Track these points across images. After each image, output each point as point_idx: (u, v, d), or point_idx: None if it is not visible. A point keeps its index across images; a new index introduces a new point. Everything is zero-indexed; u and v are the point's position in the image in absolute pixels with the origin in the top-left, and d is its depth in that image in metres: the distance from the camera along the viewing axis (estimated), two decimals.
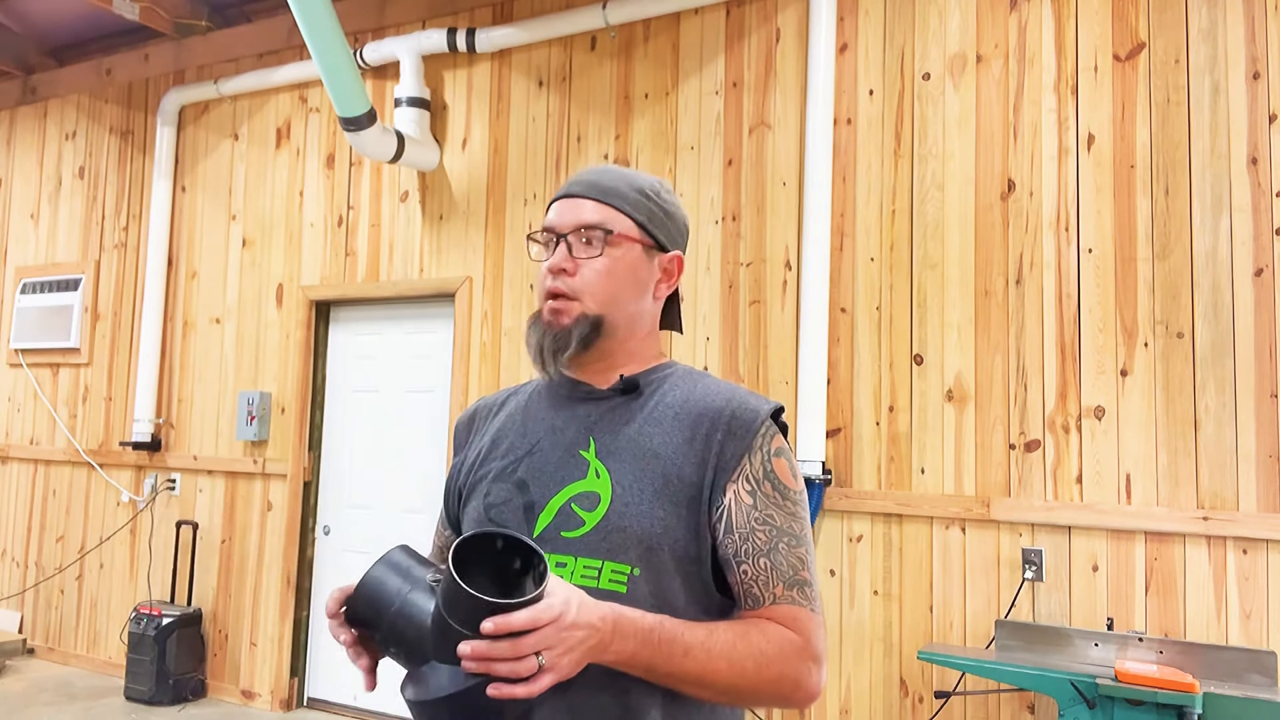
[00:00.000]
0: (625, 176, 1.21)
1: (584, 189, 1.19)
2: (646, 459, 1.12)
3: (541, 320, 1.17)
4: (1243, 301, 2.94)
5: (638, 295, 1.19)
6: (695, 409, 1.15)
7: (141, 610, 4.65)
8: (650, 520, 1.09)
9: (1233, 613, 2.85)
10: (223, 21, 5.18)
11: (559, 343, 1.15)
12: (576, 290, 1.16)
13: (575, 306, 1.15)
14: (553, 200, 1.22)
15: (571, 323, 1.15)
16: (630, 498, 1.10)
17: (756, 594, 1.08)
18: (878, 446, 3.39)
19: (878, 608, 3.34)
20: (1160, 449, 2.99)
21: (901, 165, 3.46)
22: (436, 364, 4.45)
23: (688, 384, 1.20)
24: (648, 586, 1.08)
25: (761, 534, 1.09)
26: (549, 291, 1.17)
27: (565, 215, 1.18)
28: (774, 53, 3.73)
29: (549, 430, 1.19)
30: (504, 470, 1.19)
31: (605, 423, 1.17)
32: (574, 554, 1.09)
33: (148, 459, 5.10)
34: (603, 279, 1.16)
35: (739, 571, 1.09)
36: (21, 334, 5.64)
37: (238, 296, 4.97)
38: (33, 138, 5.91)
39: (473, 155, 4.39)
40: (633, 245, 1.18)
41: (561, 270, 1.16)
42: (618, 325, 1.18)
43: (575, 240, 1.17)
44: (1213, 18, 3.05)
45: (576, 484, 1.12)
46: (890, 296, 3.43)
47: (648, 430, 1.14)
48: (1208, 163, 3.02)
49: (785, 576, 1.08)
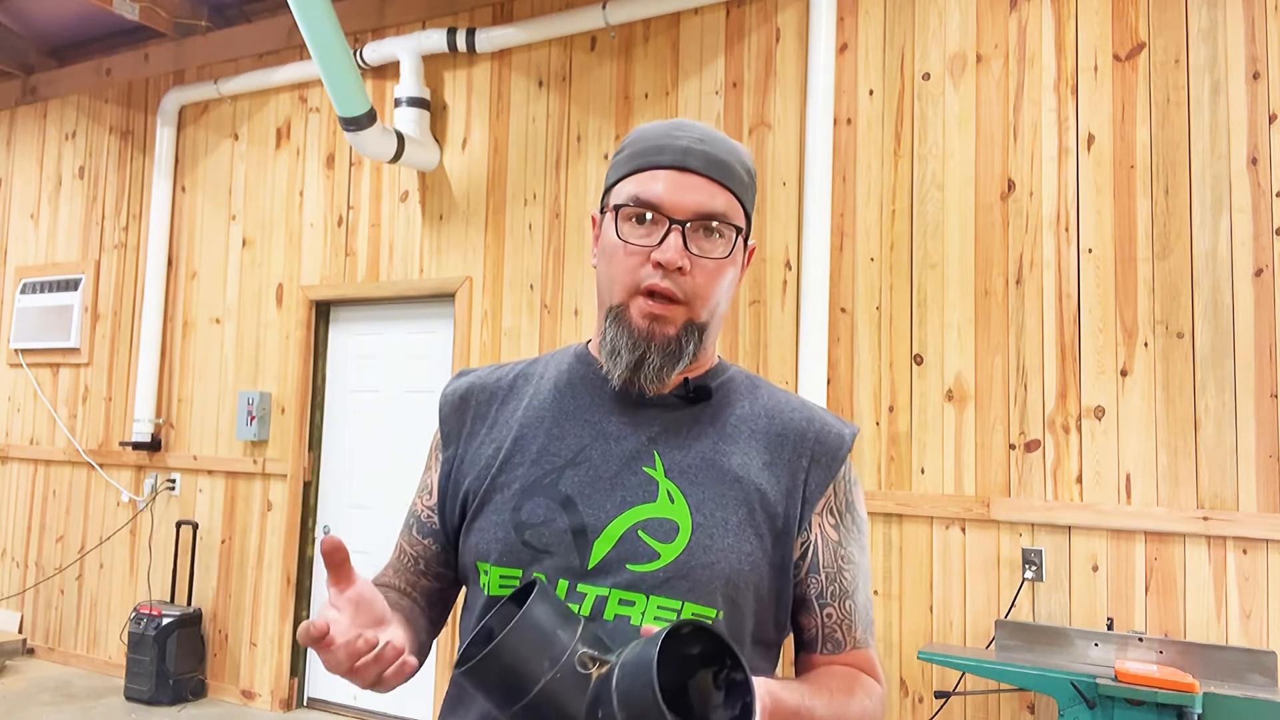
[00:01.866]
0: (734, 150, 1.00)
1: (702, 164, 0.96)
2: (728, 483, 0.96)
3: (633, 323, 0.96)
4: (1243, 301, 2.94)
5: (729, 297, 1.01)
6: (776, 428, 1.00)
7: (141, 610, 4.65)
8: (738, 556, 0.94)
9: (1233, 613, 2.85)
10: (223, 21, 5.18)
11: (668, 357, 0.95)
12: (689, 294, 0.95)
13: (682, 313, 0.95)
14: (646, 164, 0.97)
15: (678, 332, 0.95)
16: (715, 529, 0.94)
17: (839, 639, 1.00)
18: (878, 446, 3.39)
19: (878, 608, 3.34)
20: (1160, 449, 2.99)
21: (901, 165, 3.46)
22: (436, 364, 4.45)
23: (754, 393, 1.04)
24: (728, 630, 0.94)
25: (848, 574, 1.00)
26: (653, 289, 0.94)
27: (684, 195, 0.95)
28: (774, 53, 3.73)
29: (598, 436, 0.99)
30: (539, 481, 0.98)
31: (671, 435, 0.99)
32: (645, 592, 0.92)
33: (148, 459, 5.10)
34: (714, 283, 0.97)
35: (822, 615, 0.99)
36: (21, 334, 5.64)
37: (238, 296, 4.97)
38: (33, 138, 5.91)
39: (473, 155, 4.39)
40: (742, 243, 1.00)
41: (678, 268, 0.94)
42: (710, 335, 1.00)
43: (693, 232, 0.95)
44: (1213, 18, 3.05)
45: (644, 507, 0.95)
46: (890, 296, 3.43)
47: (724, 448, 0.98)
48: (1208, 163, 3.02)
49: (864, 618, 1.01)
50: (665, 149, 0.97)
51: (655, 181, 0.95)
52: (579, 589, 0.93)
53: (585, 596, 0.92)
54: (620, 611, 0.92)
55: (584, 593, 0.93)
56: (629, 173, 0.98)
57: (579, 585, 0.93)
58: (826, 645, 0.99)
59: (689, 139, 0.97)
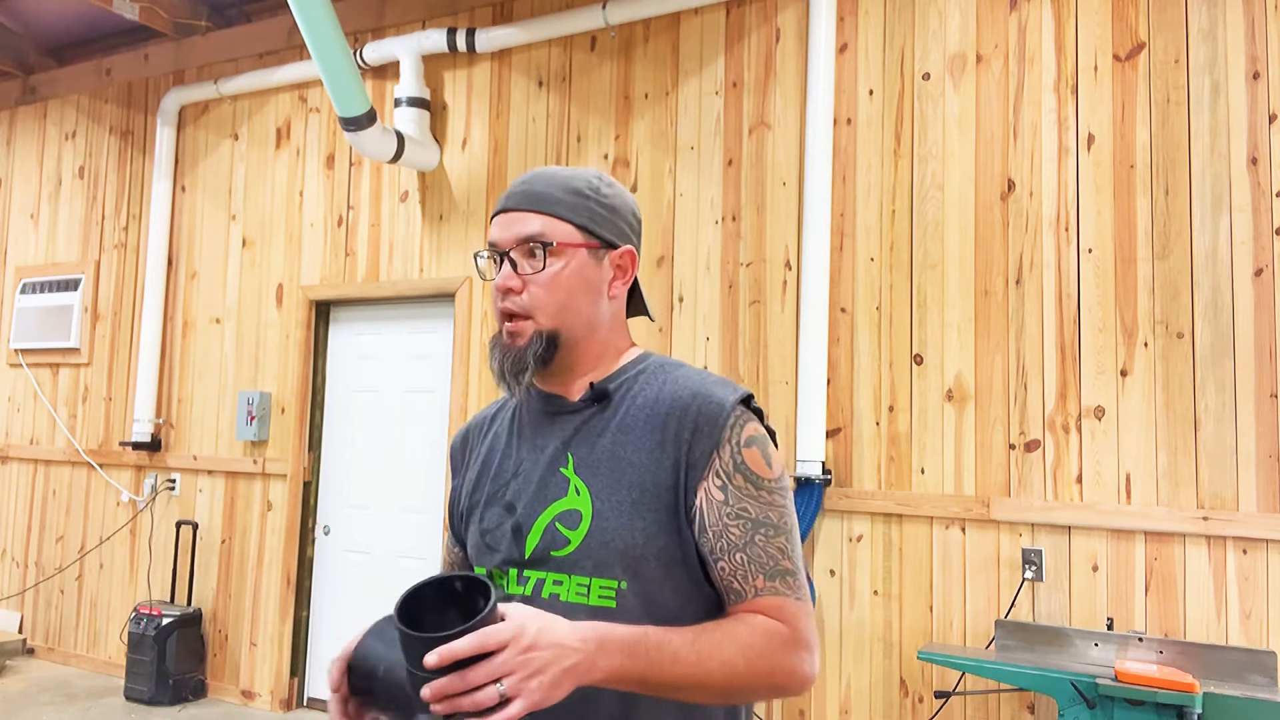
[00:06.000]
0: (557, 179, 1.18)
1: (518, 200, 1.16)
2: (622, 469, 1.12)
3: (500, 342, 1.16)
4: (1243, 301, 2.94)
5: (591, 300, 1.17)
6: (663, 408, 1.14)
7: (141, 610, 4.65)
8: (631, 533, 1.09)
9: (1233, 613, 2.85)
10: (223, 21, 5.18)
11: (517, 365, 1.14)
12: (527, 308, 1.14)
13: (528, 326, 1.14)
14: (493, 214, 1.19)
15: (526, 343, 1.14)
16: (610, 512, 1.10)
17: (738, 589, 1.07)
18: (878, 446, 3.39)
19: (878, 608, 3.34)
20: (1160, 449, 2.99)
21: (901, 165, 3.46)
22: (436, 364, 4.45)
23: (658, 380, 1.18)
24: (637, 599, 1.08)
25: (735, 529, 1.08)
26: (501, 312, 1.16)
27: (505, 230, 1.16)
28: (774, 53, 3.73)
29: (530, 449, 1.20)
30: (494, 494, 1.20)
31: (581, 436, 1.16)
32: (566, 572, 1.11)
33: (148, 459, 5.10)
34: (550, 292, 1.14)
35: (717, 569, 1.08)
36: (21, 334, 5.64)
37: (238, 296, 4.97)
38: (33, 138, 5.91)
39: (473, 155, 4.39)
40: (576, 250, 1.15)
41: (509, 289, 1.14)
42: (576, 335, 1.16)
43: (518, 256, 1.15)
44: (1213, 18, 3.05)
45: (559, 502, 1.13)
46: (890, 296, 3.43)
47: (621, 439, 1.14)
48: (1208, 163, 3.02)
49: (765, 568, 1.07)
50: (500, 200, 1.19)
51: (493, 226, 1.18)
52: (524, 575, 1.14)
53: (528, 580, 1.13)
54: (553, 590, 1.11)
55: (528, 577, 1.13)
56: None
57: (524, 572, 1.14)
58: (730, 597, 1.09)
59: (517, 185, 1.18)
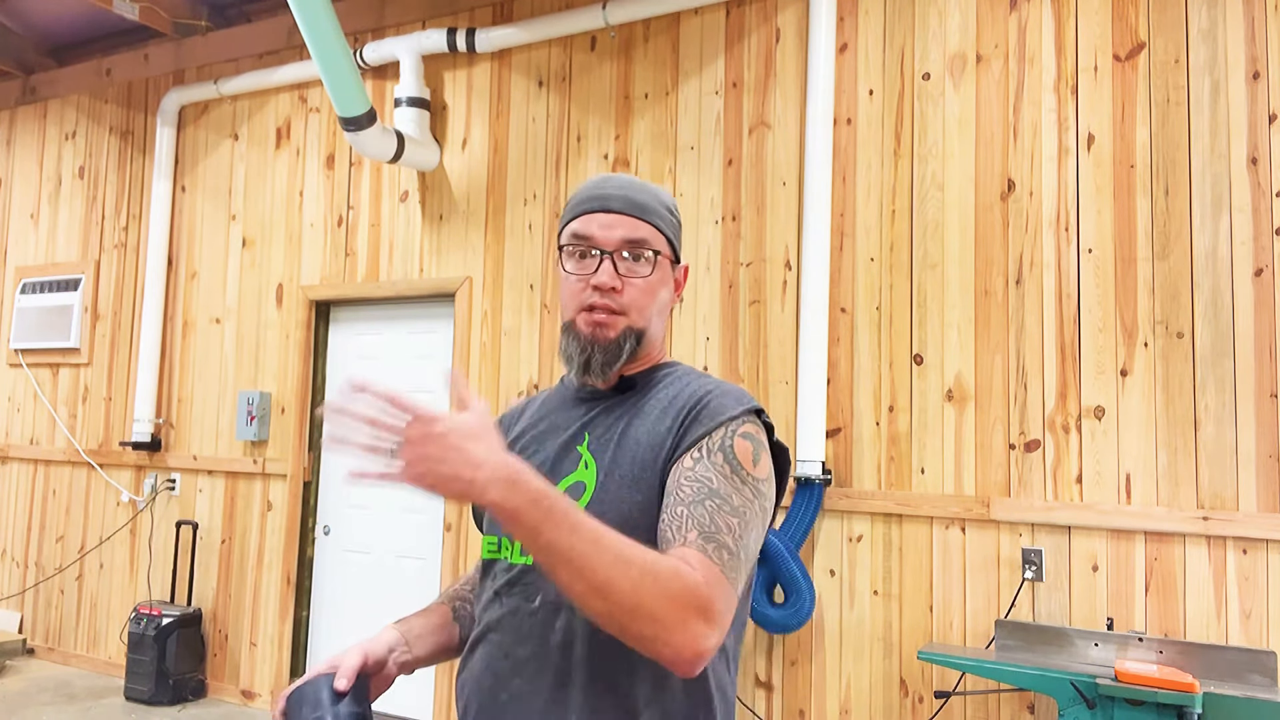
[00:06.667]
0: (654, 193, 1.26)
1: (624, 205, 1.22)
2: (627, 447, 1.18)
3: (580, 332, 1.21)
4: (1243, 301, 2.94)
5: (663, 308, 1.26)
6: (679, 402, 1.20)
7: (141, 610, 4.65)
8: (627, 505, 1.13)
9: (1233, 613, 2.85)
10: (223, 21, 5.18)
11: (609, 355, 1.20)
12: (624, 306, 1.20)
13: (620, 320, 1.20)
14: (581, 211, 1.23)
15: (618, 335, 1.20)
16: (611, 484, 1.15)
17: (669, 538, 1.04)
18: (878, 446, 3.39)
19: (878, 608, 3.34)
20: (1160, 449, 2.99)
21: (901, 165, 3.46)
22: (436, 364, 4.45)
23: (681, 382, 1.24)
24: None
25: (689, 488, 1.07)
26: (593, 305, 1.20)
27: (609, 231, 1.21)
28: (774, 53, 3.73)
29: (552, 428, 1.27)
30: None
31: (599, 417, 1.23)
32: None
33: (148, 459, 5.10)
34: (646, 296, 1.22)
35: (660, 523, 1.07)
36: (21, 334, 5.64)
37: (238, 296, 4.97)
38: (33, 138, 5.91)
39: (473, 155, 4.39)
40: (665, 261, 1.25)
41: (611, 288, 1.19)
42: (651, 338, 1.25)
43: (621, 258, 1.21)
44: (1213, 18, 3.05)
45: (572, 475, 1.19)
46: (890, 296, 3.43)
47: (634, 423, 1.20)
48: (1208, 163, 3.02)
49: (704, 529, 1.03)
50: (594, 198, 1.23)
51: (588, 224, 1.22)
52: None
53: None
54: None
55: None
56: (569, 220, 1.25)
57: None
58: (661, 546, 1.06)
59: (612, 188, 1.23)
